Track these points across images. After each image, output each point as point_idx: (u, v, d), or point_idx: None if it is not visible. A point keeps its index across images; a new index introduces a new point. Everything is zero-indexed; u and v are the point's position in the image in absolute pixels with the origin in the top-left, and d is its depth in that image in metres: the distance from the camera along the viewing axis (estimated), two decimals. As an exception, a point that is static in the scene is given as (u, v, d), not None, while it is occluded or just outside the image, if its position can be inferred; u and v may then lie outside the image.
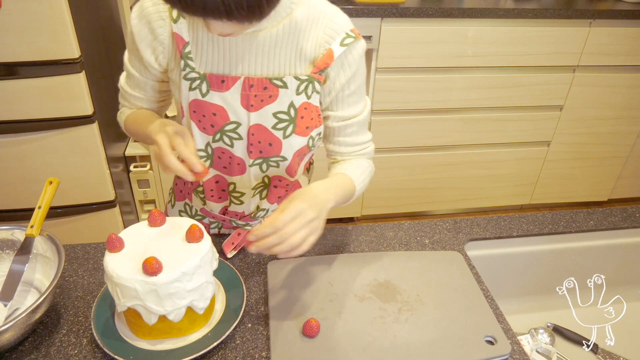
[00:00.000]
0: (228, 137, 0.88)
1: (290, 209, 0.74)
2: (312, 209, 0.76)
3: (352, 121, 0.92)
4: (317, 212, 0.77)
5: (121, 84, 0.97)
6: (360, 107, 0.93)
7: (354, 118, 0.92)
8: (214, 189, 0.97)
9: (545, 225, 1.13)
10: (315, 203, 0.78)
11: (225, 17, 0.63)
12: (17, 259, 0.86)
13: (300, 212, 0.74)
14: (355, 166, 0.94)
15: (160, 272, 0.71)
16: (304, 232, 0.74)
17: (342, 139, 0.94)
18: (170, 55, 0.87)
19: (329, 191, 0.83)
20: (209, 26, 0.71)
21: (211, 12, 0.62)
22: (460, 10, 1.99)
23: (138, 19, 0.84)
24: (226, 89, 0.84)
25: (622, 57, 2.22)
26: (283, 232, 0.72)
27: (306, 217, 0.74)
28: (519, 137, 2.39)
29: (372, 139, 0.99)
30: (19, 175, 1.81)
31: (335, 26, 0.84)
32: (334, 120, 0.92)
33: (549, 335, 1.08)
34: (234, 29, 0.72)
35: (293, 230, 0.73)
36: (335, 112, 0.91)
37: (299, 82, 0.84)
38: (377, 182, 2.39)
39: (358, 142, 0.96)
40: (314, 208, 0.76)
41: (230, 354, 0.78)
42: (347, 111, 0.91)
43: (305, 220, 0.74)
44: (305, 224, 0.74)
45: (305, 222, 0.74)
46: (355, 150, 0.96)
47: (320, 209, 0.78)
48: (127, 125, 0.98)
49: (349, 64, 0.86)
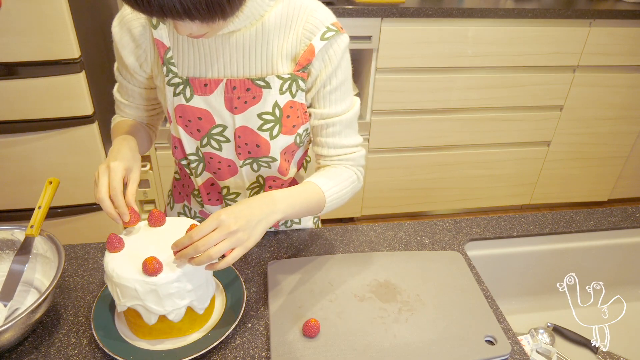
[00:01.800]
0: (215, 140, 0.88)
1: (209, 220, 0.70)
2: (235, 220, 0.71)
3: (335, 120, 0.88)
4: (242, 223, 0.71)
5: (114, 92, 0.97)
6: (345, 106, 0.89)
7: (336, 117, 0.88)
8: (210, 192, 0.97)
9: (545, 225, 1.13)
10: (242, 215, 0.72)
11: (186, 17, 0.62)
12: (17, 259, 0.86)
13: (219, 223, 0.70)
14: (332, 175, 0.89)
15: (160, 272, 0.71)
16: (225, 245, 0.69)
17: (324, 139, 0.90)
18: (153, 62, 0.86)
19: (281, 201, 0.78)
20: (177, 27, 0.69)
21: (169, 13, 0.61)
22: (460, 10, 1.99)
23: (119, 26, 0.84)
24: (209, 92, 0.83)
25: (622, 57, 2.22)
26: (199, 244, 0.68)
27: (227, 229, 0.70)
28: (519, 137, 2.39)
29: (361, 144, 0.94)
30: (19, 175, 1.81)
31: (315, 20, 0.82)
32: (316, 117, 0.89)
33: (549, 335, 1.08)
34: (203, 29, 0.71)
35: (210, 243, 0.68)
36: (317, 109, 0.88)
37: (282, 81, 0.83)
38: (377, 182, 2.39)
39: (342, 145, 0.91)
40: (238, 219, 0.71)
41: (230, 354, 0.78)
42: (330, 109, 0.87)
43: (226, 232, 0.69)
44: (225, 236, 0.69)
45: (225, 233, 0.69)
46: (339, 153, 0.91)
47: (248, 220, 0.72)
48: (112, 134, 0.97)
49: (330, 58, 0.83)
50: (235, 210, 0.72)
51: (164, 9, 0.60)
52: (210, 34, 0.74)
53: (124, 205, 0.76)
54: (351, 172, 0.92)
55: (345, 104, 0.89)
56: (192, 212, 1.07)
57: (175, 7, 0.60)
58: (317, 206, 0.86)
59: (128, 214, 0.76)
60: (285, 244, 1.03)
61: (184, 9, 0.60)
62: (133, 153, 0.82)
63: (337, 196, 0.88)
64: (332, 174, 0.89)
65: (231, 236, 0.70)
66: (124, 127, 0.94)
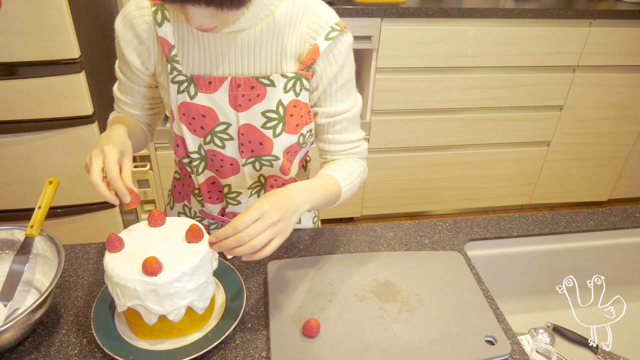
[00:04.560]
0: (219, 138, 0.88)
1: (252, 210, 0.71)
2: (277, 211, 0.73)
3: (342, 117, 0.91)
4: (282, 213, 0.73)
5: (114, 90, 0.97)
6: (350, 103, 0.91)
7: (343, 114, 0.91)
8: (211, 191, 0.97)
9: (545, 225, 1.13)
10: (282, 205, 0.74)
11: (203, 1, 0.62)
12: (17, 259, 0.86)
13: (263, 214, 0.71)
14: (344, 167, 0.92)
15: (160, 272, 0.71)
16: (267, 235, 0.71)
17: (331, 136, 0.93)
18: (156, 59, 0.86)
19: (306, 192, 0.80)
20: (188, 18, 0.69)
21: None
22: (460, 10, 1.99)
23: (122, 23, 0.84)
24: (214, 90, 0.84)
25: (622, 57, 2.22)
26: (243, 234, 0.70)
27: (270, 219, 0.71)
28: (519, 137, 2.39)
29: (364, 138, 0.97)
30: (19, 175, 1.82)
31: (320, 20, 0.83)
32: (322, 116, 0.91)
33: (549, 335, 1.08)
34: (213, 21, 0.71)
35: (254, 233, 0.70)
36: (323, 108, 0.90)
37: (286, 80, 0.84)
38: (377, 182, 2.39)
39: (348, 140, 0.94)
40: (279, 210, 0.73)
41: (230, 354, 0.78)
42: (336, 107, 0.90)
43: (269, 222, 0.71)
44: (268, 226, 0.71)
45: (269, 224, 0.71)
46: (346, 148, 0.94)
47: (287, 210, 0.75)
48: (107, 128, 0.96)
49: (335, 58, 0.85)
50: (275, 200, 0.74)
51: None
52: (220, 27, 0.74)
53: (123, 187, 0.74)
54: (358, 164, 0.96)
55: (350, 101, 0.92)
56: (192, 211, 1.07)
57: None
58: (335, 196, 0.88)
59: (128, 194, 0.75)
60: (285, 244, 1.03)
61: None
62: (124, 139, 0.81)
63: (351, 186, 0.92)
64: (343, 166, 0.92)
65: (273, 226, 0.72)
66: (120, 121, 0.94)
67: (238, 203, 0.98)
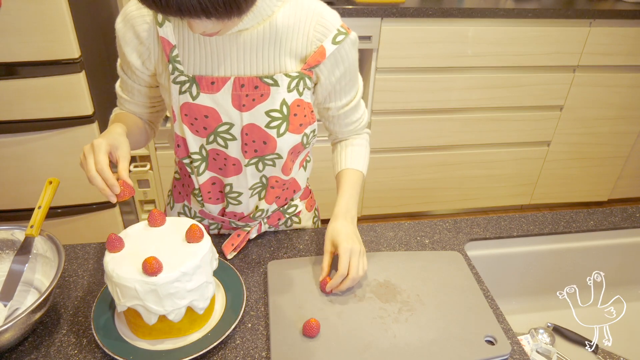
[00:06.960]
0: (222, 138, 0.88)
1: (344, 255, 0.88)
2: (353, 241, 0.89)
3: (351, 105, 0.98)
4: (358, 239, 0.92)
5: (116, 87, 0.97)
6: (356, 90, 0.97)
7: (352, 102, 0.97)
8: (211, 191, 0.97)
9: (545, 225, 1.13)
10: (351, 234, 0.91)
11: (203, 15, 0.63)
12: (17, 259, 0.86)
13: (352, 252, 0.88)
14: (357, 153, 1.03)
15: (160, 272, 0.71)
16: (362, 263, 0.89)
17: (342, 121, 1.00)
18: (157, 60, 0.86)
19: (351, 201, 0.97)
20: (191, 26, 0.70)
21: (187, 12, 0.62)
22: (460, 10, 1.99)
23: (122, 23, 0.84)
24: (217, 90, 0.84)
25: (622, 57, 2.22)
26: (352, 275, 0.88)
27: (356, 252, 0.89)
28: (519, 137, 2.39)
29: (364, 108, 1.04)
30: (19, 175, 1.81)
31: (327, 23, 0.84)
32: (334, 110, 0.97)
33: (549, 335, 1.08)
34: (216, 27, 0.72)
35: (356, 269, 0.88)
36: (334, 102, 0.95)
37: (290, 79, 0.84)
38: (377, 182, 2.39)
39: (356, 119, 1.02)
40: (353, 240, 0.90)
41: (230, 354, 0.78)
42: (346, 98, 0.96)
43: (357, 254, 0.89)
44: (358, 258, 0.89)
45: (357, 256, 0.89)
46: (355, 127, 1.03)
47: (355, 234, 0.92)
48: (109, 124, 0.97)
49: (342, 59, 0.87)
50: (348, 236, 0.90)
51: (181, 7, 0.61)
52: (223, 31, 0.75)
53: (112, 178, 0.76)
54: (364, 134, 1.06)
55: (356, 87, 0.97)
56: (192, 211, 1.07)
57: (193, 6, 0.61)
58: (361, 181, 1.02)
59: (118, 185, 0.76)
60: (285, 244, 1.03)
61: (202, 7, 0.61)
62: (118, 135, 0.81)
63: (366, 162, 1.05)
64: (356, 151, 1.03)
65: (359, 254, 0.90)
66: (121, 118, 0.95)
67: (239, 203, 0.98)
